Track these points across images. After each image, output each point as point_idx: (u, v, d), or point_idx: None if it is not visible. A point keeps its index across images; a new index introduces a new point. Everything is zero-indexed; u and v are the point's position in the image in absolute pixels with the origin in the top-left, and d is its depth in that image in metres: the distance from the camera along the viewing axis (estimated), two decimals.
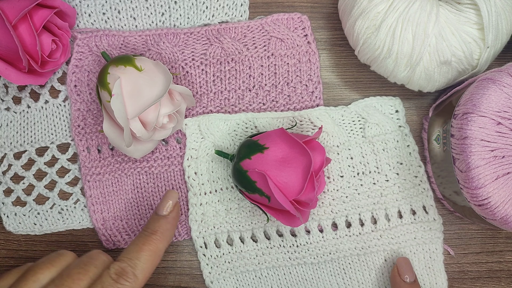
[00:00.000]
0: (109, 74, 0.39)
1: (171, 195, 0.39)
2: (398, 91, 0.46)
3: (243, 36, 0.46)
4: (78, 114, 0.45)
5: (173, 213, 0.39)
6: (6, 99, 0.45)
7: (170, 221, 0.38)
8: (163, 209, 0.39)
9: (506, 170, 0.35)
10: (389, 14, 0.38)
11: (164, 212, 0.39)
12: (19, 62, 0.40)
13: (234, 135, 0.45)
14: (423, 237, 0.44)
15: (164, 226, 0.38)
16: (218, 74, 0.46)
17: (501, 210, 0.35)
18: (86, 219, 0.45)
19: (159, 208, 0.39)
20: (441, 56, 0.38)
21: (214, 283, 0.44)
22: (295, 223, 0.39)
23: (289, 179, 0.37)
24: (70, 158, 0.46)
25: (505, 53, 0.42)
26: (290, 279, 0.44)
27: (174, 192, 0.39)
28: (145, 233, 0.37)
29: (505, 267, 0.45)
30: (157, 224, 0.38)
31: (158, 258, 0.36)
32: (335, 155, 0.45)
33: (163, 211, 0.39)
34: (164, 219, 0.38)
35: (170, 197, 0.39)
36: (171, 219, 0.38)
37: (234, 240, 0.44)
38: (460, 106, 0.37)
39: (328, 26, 0.47)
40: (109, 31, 0.46)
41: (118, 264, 0.34)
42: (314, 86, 0.46)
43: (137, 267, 0.34)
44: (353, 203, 0.44)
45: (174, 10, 0.46)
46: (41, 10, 0.41)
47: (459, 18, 0.38)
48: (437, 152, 0.42)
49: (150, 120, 0.39)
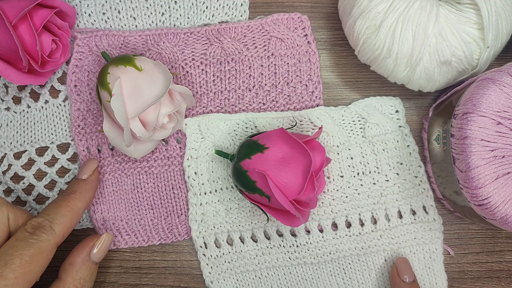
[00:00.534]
0: (109, 74, 0.39)
1: (91, 162, 0.42)
2: (398, 91, 0.46)
3: (243, 36, 0.46)
4: (78, 114, 0.45)
5: (92, 176, 0.42)
6: (6, 99, 0.45)
7: (89, 182, 0.41)
8: (83, 174, 0.41)
9: (506, 170, 0.35)
10: (389, 14, 0.38)
11: (84, 176, 0.41)
12: (19, 62, 0.40)
13: (234, 135, 0.45)
14: (423, 237, 0.44)
15: (83, 187, 0.40)
16: (218, 74, 0.46)
17: (501, 210, 0.35)
18: (86, 219, 0.45)
19: (79, 173, 0.42)
20: (441, 56, 0.38)
21: (214, 283, 0.44)
22: (295, 223, 0.39)
23: (289, 179, 0.37)
24: (70, 158, 0.46)
25: (505, 53, 0.42)
26: (290, 279, 0.44)
27: (94, 160, 0.43)
28: (64, 193, 0.39)
29: (505, 267, 0.45)
30: (76, 185, 0.40)
31: (76, 216, 0.38)
32: (335, 155, 0.45)
33: (83, 176, 0.41)
34: (83, 181, 0.41)
35: (90, 164, 0.42)
36: (89, 181, 0.41)
37: (234, 240, 0.44)
38: (460, 106, 0.37)
39: (328, 26, 0.47)
40: (109, 31, 0.46)
41: (35, 220, 0.36)
42: (314, 86, 0.46)
43: (54, 221, 0.36)
44: (353, 203, 0.44)
45: (174, 10, 0.46)
46: (41, 10, 0.41)
47: (459, 18, 0.38)
48: (437, 152, 0.42)
49: (150, 120, 0.39)
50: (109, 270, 0.45)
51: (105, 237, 0.40)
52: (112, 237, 0.41)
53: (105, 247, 0.40)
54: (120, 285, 0.45)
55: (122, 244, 0.45)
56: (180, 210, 0.45)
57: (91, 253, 0.39)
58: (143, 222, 0.45)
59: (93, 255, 0.39)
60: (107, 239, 0.40)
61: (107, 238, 0.40)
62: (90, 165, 0.42)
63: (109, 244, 0.40)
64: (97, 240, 0.40)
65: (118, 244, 0.45)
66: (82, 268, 0.38)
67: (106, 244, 0.40)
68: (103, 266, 0.45)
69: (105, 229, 0.45)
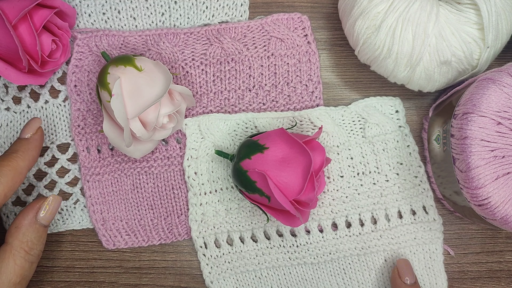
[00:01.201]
0: (109, 74, 0.39)
1: (34, 121, 0.41)
2: (398, 91, 0.46)
3: (243, 36, 0.46)
4: (78, 114, 0.45)
5: (36, 135, 0.40)
6: (6, 99, 0.45)
7: (32, 141, 0.39)
8: (25, 133, 0.40)
9: (506, 170, 0.35)
10: (389, 14, 0.38)
11: (27, 135, 0.40)
12: (19, 62, 0.40)
13: (234, 135, 0.45)
14: (423, 237, 0.44)
15: (25, 146, 0.39)
16: (218, 74, 0.46)
17: (501, 210, 0.35)
18: (86, 219, 0.45)
19: (21, 132, 0.40)
20: (441, 56, 0.38)
21: (214, 283, 0.44)
22: (295, 223, 0.39)
23: (289, 179, 0.37)
24: (70, 158, 0.46)
25: (505, 53, 0.42)
26: (290, 279, 0.44)
27: (38, 119, 0.41)
28: (5, 153, 0.38)
29: (505, 267, 0.45)
30: (19, 145, 0.39)
31: (19, 176, 0.37)
32: (335, 155, 0.45)
33: (26, 135, 0.40)
34: (25, 140, 0.39)
35: (33, 123, 0.40)
36: (32, 140, 0.39)
37: (234, 240, 0.44)
38: (460, 106, 0.37)
39: (328, 26, 0.47)
40: (109, 31, 0.46)
41: None
42: (314, 86, 0.46)
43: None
44: (353, 203, 0.44)
45: (174, 10, 0.46)
46: (41, 10, 0.41)
47: (459, 18, 0.38)
48: (437, 152, 0.42)
49: (150, 120, 0.39)
50: (109, 270, 0.45)
51: (52, 199, 0.38)
52: (60, 199, 0.39)
53: (53, 208, 0.38)
54: (120, 285, 0.45)
55: (122, 244, 0.45)
56: (180, 210, 0.45)
57: (38, 215, 0.38)
58: (143, 222, 0.45)
59: (40, 218, 0.38)
60: (54, 200, 0.38)
61: (53, 199, 0.38)
62: (33, 124, 0.40)
63: (57, 205, 0.39)
64: (44, 201, 0.38)
65: (118, 244, 0.45)
66: (29, 231, 0.37)
67: (54, 205, 0.38)
68: (103, 266, 0.45)
69: (105, 229, 0.45)
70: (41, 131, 0.40)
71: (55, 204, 0.39)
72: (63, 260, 0.45)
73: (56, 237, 0.45)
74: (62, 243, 0.45)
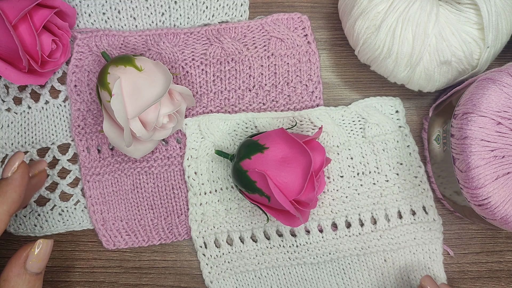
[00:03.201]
0: (109, 74, 0.39)
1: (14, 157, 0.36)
2: (398, 91, 0.46)
3: (243, 36, 0.46)
4: (78, 114, 0.45)
5: (15, 174, 0.36)
6: (7, 100, 0.45)
7: (11, 182, 0.35)
8: (6, 172, 0.36)
9: (506, 170, 0.35)
10: (389, 14, 0.38)
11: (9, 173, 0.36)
12: (19, 62, 0.40)
13: (234, 135, 0.45)
14: (423, 237, 0.44)
15: (3, 188, 0.35)
16: (218, 74, 0.46)
17: (501, 210, 0.35)
18: (86, 220, 0.45)
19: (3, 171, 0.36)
20: (441, 56, 0.38)
21: (214, 283, 0.44)
22: (295, 223, 0.39)
23: (289, 179, 0.37)
24: (70, 159, 0.46)
25: (505, 53, 0.42)
26: (290, 279, 0.44)
27: (19, 153, 0.37)
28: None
29: (505, 267, 0.45)
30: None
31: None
32: (335, 155, 0.45)
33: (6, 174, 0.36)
34: (3, 181, 0.35)
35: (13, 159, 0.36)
36: (11, 180, 0.35)
37: (234, 240, 0.44)
38: (460, 106, 0.37)
39: (328, 26, 0.47)
40: (109, 31, 0.46)
41: None
42: (314, 86, 0.46)
43: None
44: (353, 203, 0.44)
45: (174, 10, 0.46)
46: (41, 10, 0.41)
47: (459, 18, 0.38)
48: (437, 152, 0.42)
49: (150, 120, 0.39)
50: (109, 270, 0.45)
51: (41, 244, 0.34)
52: (51, 242, 0.35)
53: (43, 254, 0.34)
54: (120, 285, 0.45)
55: (122, 244, 0.45)
56: (180, 210, 0.45)
57: (27, 264, 0.33)
58: (143, 222, 0.45)
59: (30, 266, 0.33)
60: (44, 245, 0.34)
61: (43, 244, 0.34)
62: (13, 160, 0.36)
63: (48, 250, 0.34)
64: (32, 248, 0.34)
65: (118, 244, 0.45)
66: (18, 283, 0.33)
67: (44, 251, 0.34)
68: (103, 266, 0.45)
69: (105, 229, 0.45)
70: (22, 168, 0.36)
71: (45, 249, 0.34)
72: (63, 260, 0.45)
73: (56, 237, 0.45)
74: (62, 243, 0.45)
